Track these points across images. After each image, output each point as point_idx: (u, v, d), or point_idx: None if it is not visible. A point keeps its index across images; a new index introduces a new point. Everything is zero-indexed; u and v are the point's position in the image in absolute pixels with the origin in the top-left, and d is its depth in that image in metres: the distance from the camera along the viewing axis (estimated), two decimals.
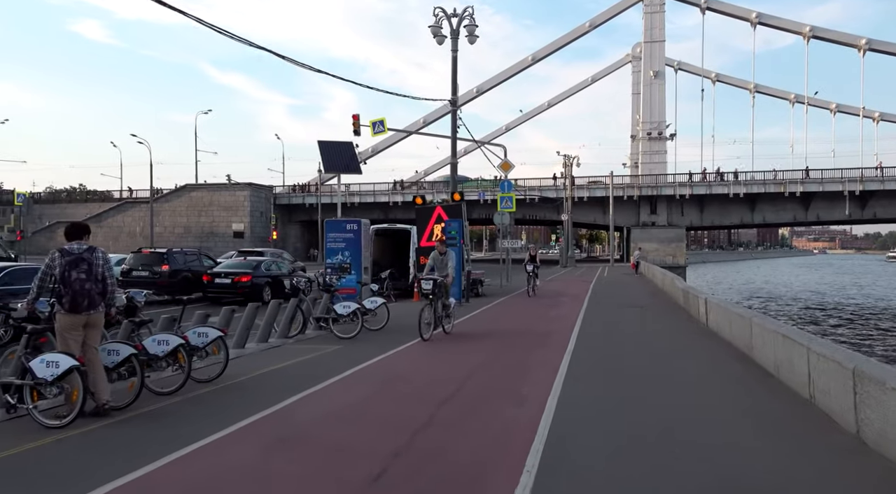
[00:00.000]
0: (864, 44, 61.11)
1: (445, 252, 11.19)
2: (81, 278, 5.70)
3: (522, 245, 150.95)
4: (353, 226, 13.27)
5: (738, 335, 8.77)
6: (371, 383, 7.22)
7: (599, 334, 11.06)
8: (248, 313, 9.53)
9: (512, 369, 7.83)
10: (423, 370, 8.00)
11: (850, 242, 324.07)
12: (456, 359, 8.75)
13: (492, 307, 16.53)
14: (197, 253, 21.60)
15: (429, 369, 8.06)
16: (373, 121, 24.62)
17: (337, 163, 13.53)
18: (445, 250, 11.24)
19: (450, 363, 8.48)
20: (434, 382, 7.16)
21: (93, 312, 5.76)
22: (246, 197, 65.92)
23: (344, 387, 6.91)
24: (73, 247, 5.86)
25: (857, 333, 26.82)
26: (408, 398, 6.36)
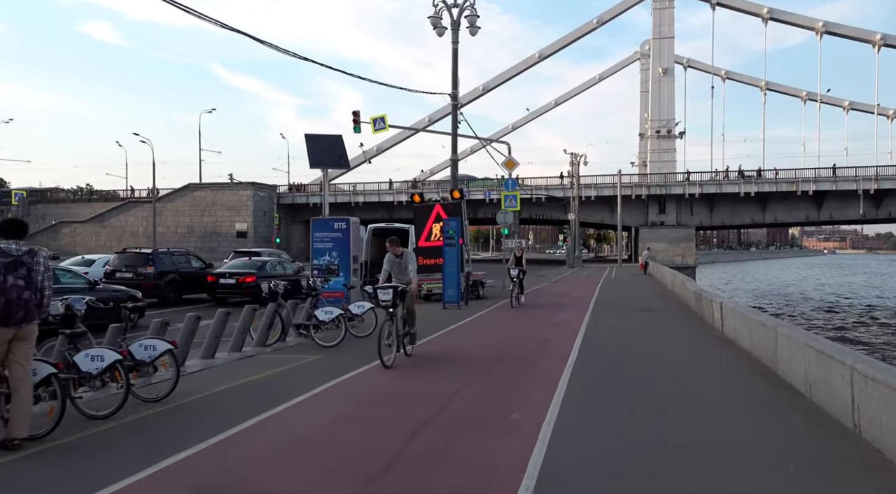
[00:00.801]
0: (878, 39, 59.70)
1: (402, 254, 9.10)
2: (19, 285, 4.81)
3: (529, 244, 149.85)
4: (342, 225, 12.41)
5: (761, 346, 7.82)
6: (343, 403, 6.33)
7: (605, 343, 10.13)
8: (218, 319, 8.67)
9: (504, 386, 6.92)
10: (404, 386, 7.11)
11: (861, 242, 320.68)
12: (442, 373, 7.85)
13: (491, 311, 15.63)
14: (185, 253, 20.89)
15: (411, 385, 7.16)
16: (373, 117, 23.86)
17: (325, 158, 12.66)
18: (401, 252, 9.12)
19: (435, 376, 7.59)
20: (415, 401, 6.27)
21: (25, 325, 4.89)
22: (249, 196, 65.30)
23: (310, 409, 6.03)
24: (10, 248, 4.91)
25: (878, 337, 25.72)
26: (381, 424, 5.47)
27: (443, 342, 10.46)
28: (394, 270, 9.03)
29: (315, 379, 7.24)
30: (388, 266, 9.03)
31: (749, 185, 55.35)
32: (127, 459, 4.41)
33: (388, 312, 8.23)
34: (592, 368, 7.85)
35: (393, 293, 8.22)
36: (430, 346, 9.92)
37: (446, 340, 10.67)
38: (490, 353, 9.09)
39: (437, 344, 10.12)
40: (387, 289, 8.25)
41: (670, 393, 6.47)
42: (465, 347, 9.86)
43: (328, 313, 9.80)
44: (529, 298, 19.81)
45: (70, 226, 68.79)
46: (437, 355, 9.15)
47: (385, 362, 7.86)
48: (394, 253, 9.08)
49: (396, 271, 9.03)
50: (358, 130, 25.23)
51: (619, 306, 16.50)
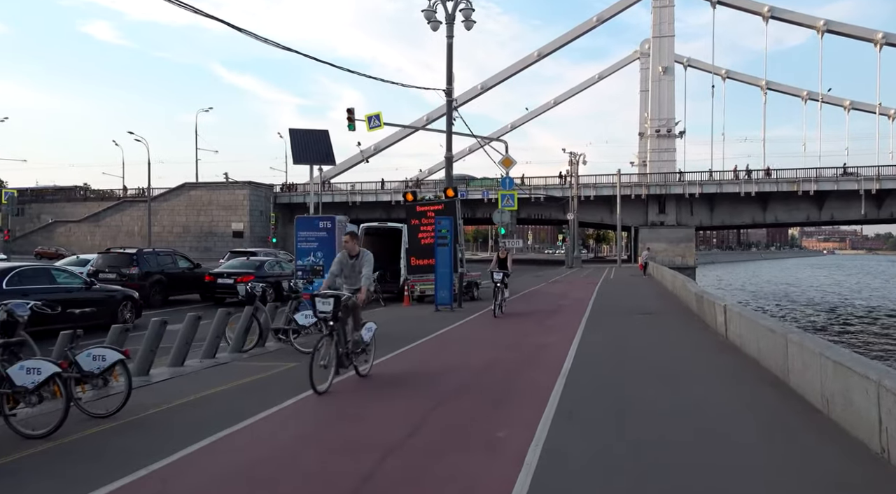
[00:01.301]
0: (880, 38, 59.14)
1: (359, 253, 7.23)
2: None
3: (529, 244, 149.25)
4: (327, 224, 11.85)
5: (769, 353, 7.25)
6: (311, 419, 5.77)
7: (601, 350, 9.56)
8: (187, 324, 8.10)
9: (489, 401, 6.35)
10: (381, 400, 6.53)
11: (861, 242, 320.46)
12: (422, 385, 7.27)
13: (484, 313, 15.04)
14: (171, 253, 20.29)
15: (390, 398, 6.59)
16: (368, 115, 23.36)
17: (309, 154, 12.09)
18: (358, 250, 7.26)
19: (414, 390, 7.01)
20: (390, 416, 5.70)
21: None
22: (245, 196, 64.77)
23: (273, 427, 5.46)
24: None
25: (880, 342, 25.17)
26: (349, 445, 4.90)
27: (428, 349, 9.88)
28: (345, 273, 7.19)
29: (285, 391, 6.68)
30: (337, 267, 7.13)
31: (749, 185, 54.80)
32: (50, 489, 3.85)
33: (327, 327, 6.60)
34: (587, 379, 7.27)
35: (334, 303, 6.49)
36: (413, 354, 9.35)
37: (432, 347, 10.09)
38: (477, 361, 8.51)
39: (420, 352, 9.55)
40: (327, 298, 6.53)
41: (672, 408, 5.90)
42: (451, 355, 9.28)
43: (308, 317, 9.21)
44: (525, 300, 19.28)
45: (65, 226, 68.21)
46: (419, 364, 8.58)
47: (318, 389, 6.33)
48: (349, 252, 7.19)
49: (348, 274, 7.19)
50: (352, 128, 24.77)
51: (618, 309, 15.94)
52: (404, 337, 10.46)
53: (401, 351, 9.29)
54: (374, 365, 7.73)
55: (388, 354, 8.86)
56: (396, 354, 9.04)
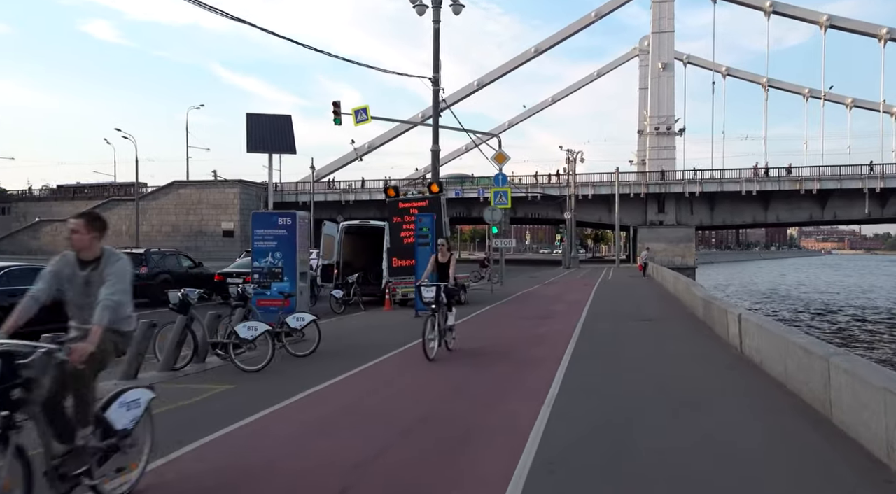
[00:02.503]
0: (884, 33, 57.89)
1: (100, 256, 3.70)
2: None
3: (528, 244, 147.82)
4: (286, 221, 10.47)
5: (802, 378, 5.88)
6: (211, 473, 4.38)
7: (597, 366, 8.19)
8: (140, 332, 6.73)
9: (447, 444, 4.97)
10: (318, 432, 5.16)
11: (860, 242, 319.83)
12: (384, 409, 5.91)
13: (468, 320, 13.68)
14: (175, 253, 20.60)
15: (325, 441, 5.21)
16: (355, 108, 22.02)
17: (267, 141, 10.71)
18: (101, 252, 3.70)
19: (372, 417, 5.65)
20: (320, 467, 4.33)
21: None
22: (236, 194, 63.40)
23: (163, 478, 4.08)
24: None
25: None
26: None
27: (392, 366, 8.50)
28: (70, 295, 3.73)
29: (204, 425, 5.32)
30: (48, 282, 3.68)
31: (751, 184, 53.55)
32: None
33: None
34: (578, 411, 5.90)
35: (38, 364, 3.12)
36: (376, 372, 7.97)
37: (397, 363, 8.71)
38: (443, 385, 7.12)
39: (384, 369, 8.17)
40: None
41: (687, 455, 4.53)
42: (414, 372, 7.90)
43: (251, 329, 7.85)
44: (517, 304, 17.88)
45: (51, 225, 66.73)
46: (363, 392, 7.19)
47: None
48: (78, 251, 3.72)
49: (77, 297, 3.71)
50: (338, 122, 23.46)
51: (616, 314, 14.56)
52: (366, 352, 9.09)
53: (352, 373, 7.91)
54: (308, 397, 6.34)
55: (338, 376, 7.50)
56: (345, 378, 7.66)
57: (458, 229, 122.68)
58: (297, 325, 8.92)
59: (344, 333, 11.72)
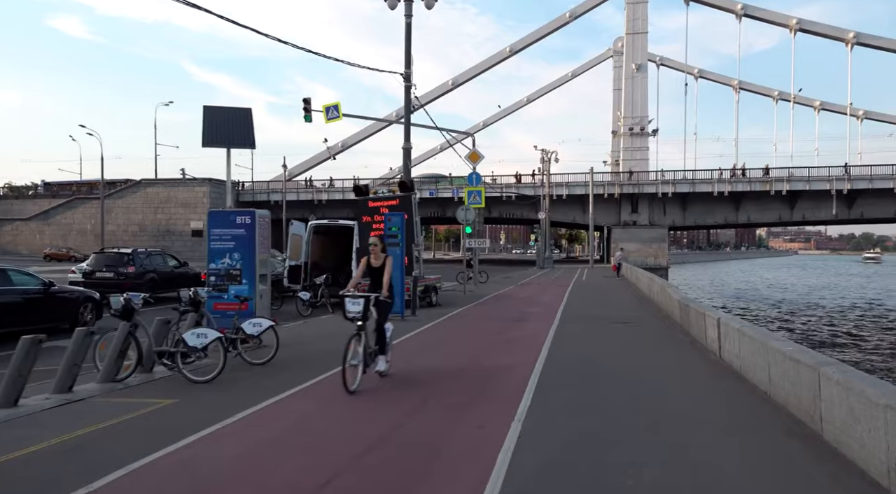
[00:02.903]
0: (851, 37, 58.89)
1: None
2: None
3: (503, 244, 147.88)
4: (245, 219, 9.86)
5: (788, 388, 5.52)
6: None
7: (571, 374, 7.77)
8: (21, 349, 6.07)
9: (426, 453, 4.49)
10: (257, 457, 4.63)
11: (825, 243, 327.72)
12: (337, 429, 5.40)
13: (439, 323, 13.21)
14: (161, 253, 21.09)
15: (276, 454, 4.68)
16: (326, 105, 21.47)
17: (224, 135, 10.07)
18: None
19: (320, 436, 5.13)
20: (273, 485, 3.80)
21: None
22: (205, 193, 62.00)
23: None
24: None
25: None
26: None
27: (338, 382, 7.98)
28: None
29: (134, 448, 4.74)
30: None
31: (723, 185, 54.05)
32: None
33: None
34: (552, 418, 5.45)
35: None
36: (326, 385, 7.44)
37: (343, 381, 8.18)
38: (410, 396, 6.63)
39: (336, 383, 7.63)
40: None
41: (667, 482, 4.10)
42: (375, 388, 7.39)
43: (201, 336, 7.25)
44: (490, 306, 17.42)
45: (12, 224, 64.56)
46: (330, 404, 6.67)
47: None
48: None
49: None
50: (308, 119, 22.90)
51: (591, 317, 14.21)
52: (324, 360, 8.53)
53: (305, 385, 7.37)
54: (258, 412, 5.77)
55: (289, 389, 6.96)
56: (297, 392, 7.12)
57: (432, 229, 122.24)
58: (253, 331, 8.34)
59: (306, 338, 11.15)
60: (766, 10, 61.88)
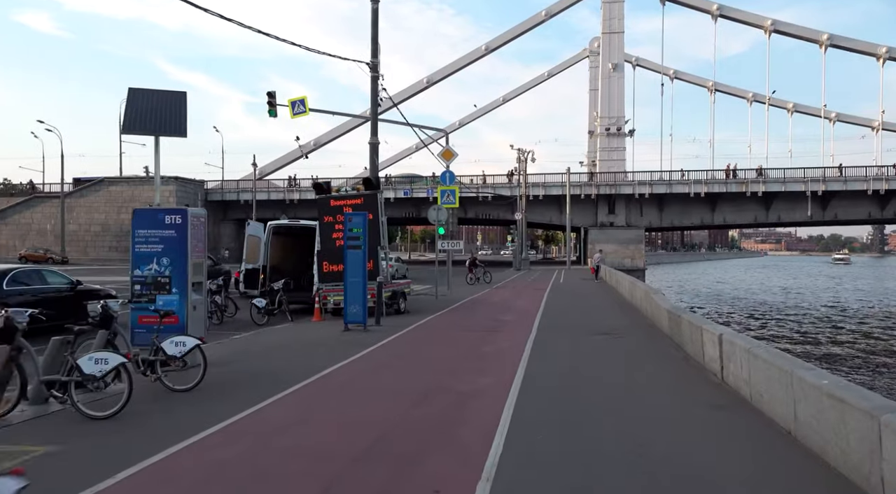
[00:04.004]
0: (825, 39, 59.05)
1: None
2: None
3: (479, 245, 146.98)
4: (176, 219, 8.49)
5: (827, 434, 4.38)
6: None
7: (551, 405, 6.58)
8: None
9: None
10: None
11: (795, 244, 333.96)
12: (261, 471, 4.13)
13: (403, 335, 11.94)
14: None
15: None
16: (291, 100, 20.18)
17: (151, 121, 8.69)
18: None
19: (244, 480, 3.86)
20: None
21: None
22: (172, 192, 59.72)
23: None
24: None
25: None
26: None
27: (299, 400, 6.70)
28: None
29: None
30: None
31: (699, 186, 53.67)
32: None
33: None
34: (528, 485, 4.24)
35: None
36: (255, 421, 6.15)
37: (305, 397, 6.91)
38: (354, 440, 5.36)
39: (269, 417, 6.35)
40: None
41: None
42: (321, 417, 6.12)
43: (100, 362, 5.90)
44: (464, 311, 16.12)
45: None
46: (255, 449, 5.37)
47: None
48: None
49: None
50: (273, 114, 21.55)
51: (571, 326, 13.06)
52: (265, 383, 7.24)
53: (233, 420, 6.07)
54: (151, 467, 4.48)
55: (209, 427, 5.65)
56: (219, 430, 5.82)
57: (408, 230, 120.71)
58: (175, 352, 6.99)
59: (252, 353, 9.82)
60: (742, 11, 61.82)
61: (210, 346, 10.69)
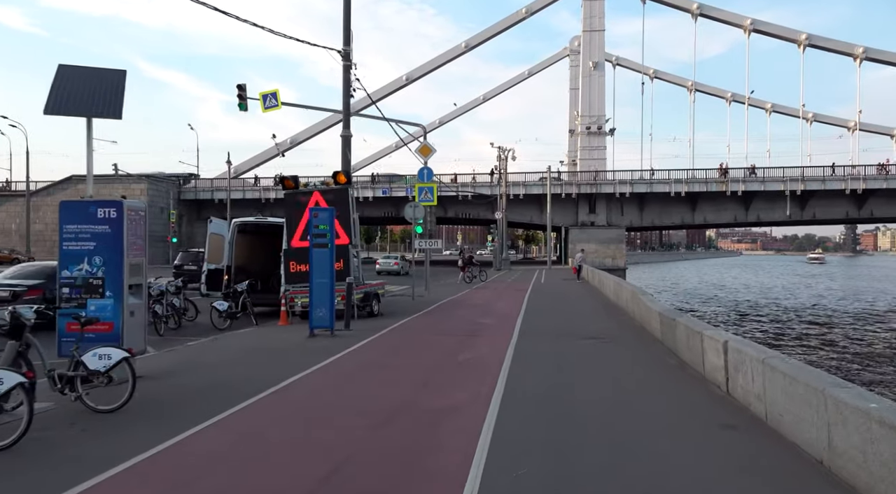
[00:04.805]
0: (804, 39, 59.22)
1: None
2: None
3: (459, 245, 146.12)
4: (110, 212, 7.45)
5: (877, 470, 3.55)
6: None
7: (536, 426, 5.71)
8: None
9: None
10: None
11: (771, 243, 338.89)
12: None
13: (374, 341, 11.00)
14: None
15: None
16: (263, 93, 19.18)
17: (80, 102, 7.64)
18: None
19: None
20: None
21: None
22: (143, 190, 57.95)
23: None
24: None
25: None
26: None
27: (242, 423, 5.74)
28: None
29: None
30: None
31: (680, 185, 53.38)
32: None
33: None
34: None
35: None
36: (183, 452, 5.19)
37: (251, 419, 5.95)
38: (308, 469, 4.42)
39: (215, 436, 5.39)
40: None
41: None
42: (265, 445, 5.17)
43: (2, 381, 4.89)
44: (440, 314, 15.16)
45: None
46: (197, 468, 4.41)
47: None
48: None
49: None
50: (243, 108, 20.52)
51: (555, 331, 12.21)
52: (194, 405, 6.26)
53: (142, 458, 5.09)
54: None
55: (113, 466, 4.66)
56: (123, 471, 4.83)
57: (388, 230, 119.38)
58: (98, 366, 5.98)
59: (203, 363, 8.80)
60: (722, 10, 61.77)
61: (159, 355, 9.69)
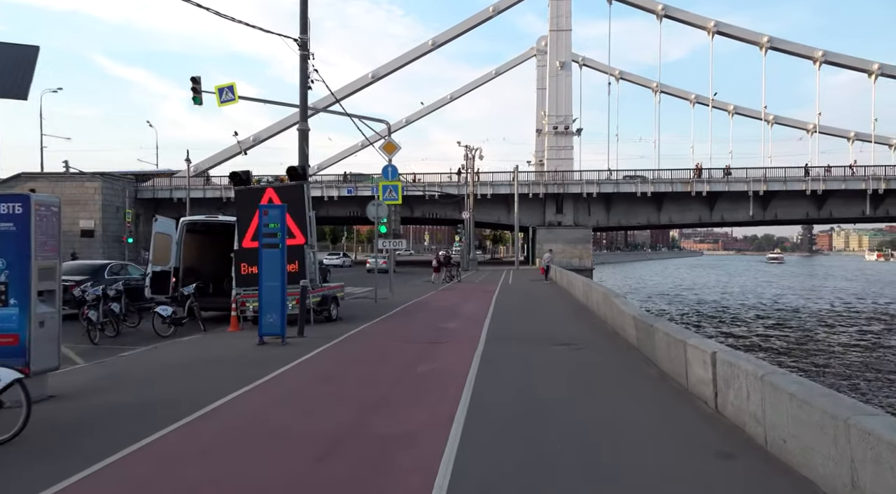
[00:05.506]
0: (766, 41, 60.10)
1: None
2: None
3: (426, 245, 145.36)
4: (15, 208, 6.44)
5: None
6: None
7: (504, 451, 4.94)
8: None
9: None
10: None
11: (731, 244, 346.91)
12: None
13: (328, 349, 10.12)
14: None
15: None
16: (219, 86, 18.20)
17: None
18: None
19: None
20: None
21: None
22: (97, 189, 55.69)
23: None
24: None
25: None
26: None
27: (156, 456, 4.84)
28: None
29: None
30: None
31: (646, 185, 53.58)
32: None
33: None
34: None
35: None
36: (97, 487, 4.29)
37: (170, 449, 5.06)
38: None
39: (118, 477, 4.49)
40: None
41: None
42: (179, 485, 4.30)
43: None
44: (403, 318, 14.26)
45: None
46: None
47: None
48: None
49: None
50: (198, 102, 19.55)
51: (524, 336, 11.50)
52: (115, 428, 5.33)
53: None
54: None
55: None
56: None
57: (355, 230, 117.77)
58: None
59: (132, 377, 7.83)
60: (686, 12, 62.34)
61: (85, 368, 8.65)
